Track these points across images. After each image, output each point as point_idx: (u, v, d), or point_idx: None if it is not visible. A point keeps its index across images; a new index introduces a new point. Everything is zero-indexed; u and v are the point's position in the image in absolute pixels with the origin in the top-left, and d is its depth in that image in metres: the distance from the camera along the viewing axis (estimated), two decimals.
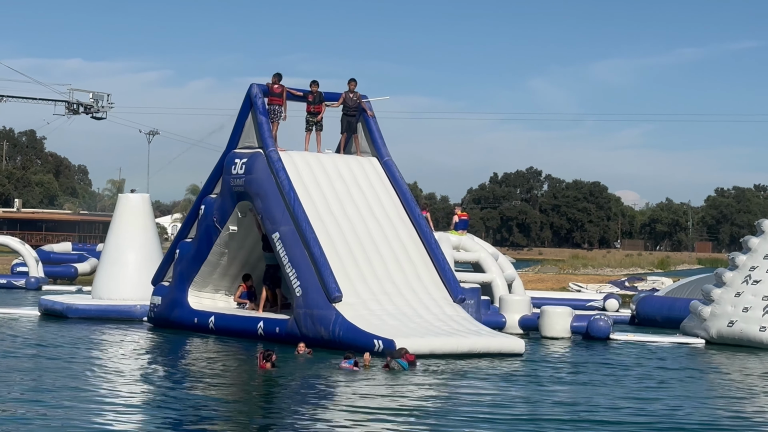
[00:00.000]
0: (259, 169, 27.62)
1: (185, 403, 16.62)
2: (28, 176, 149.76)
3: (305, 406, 16.61)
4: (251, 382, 19.71)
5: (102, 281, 34.36)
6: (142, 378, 19.48)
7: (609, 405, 17.35)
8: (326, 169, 28.52)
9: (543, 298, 40.04)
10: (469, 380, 20.25)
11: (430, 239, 28.08)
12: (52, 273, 56.19)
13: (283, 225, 26.68)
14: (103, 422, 14.76)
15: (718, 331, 28.93)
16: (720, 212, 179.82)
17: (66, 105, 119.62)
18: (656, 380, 21.04)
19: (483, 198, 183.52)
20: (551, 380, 20.65)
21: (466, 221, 36.24)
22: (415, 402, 17.42)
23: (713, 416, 16.74)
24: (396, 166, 29.19)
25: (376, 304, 25.83)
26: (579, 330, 29.42)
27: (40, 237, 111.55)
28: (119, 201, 35.57)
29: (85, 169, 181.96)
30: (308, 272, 25.87)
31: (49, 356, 22.25)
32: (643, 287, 49.61)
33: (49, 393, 17.06)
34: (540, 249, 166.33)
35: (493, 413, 16.33)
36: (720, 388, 20.50)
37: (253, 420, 15.58)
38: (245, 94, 28.80)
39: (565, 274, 68.55)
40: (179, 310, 29.44)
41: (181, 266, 29.81)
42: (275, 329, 26.62)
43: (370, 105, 29.61)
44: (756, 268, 29.16)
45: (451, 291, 27.11)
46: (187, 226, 30.47)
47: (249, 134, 28.58)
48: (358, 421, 15.18)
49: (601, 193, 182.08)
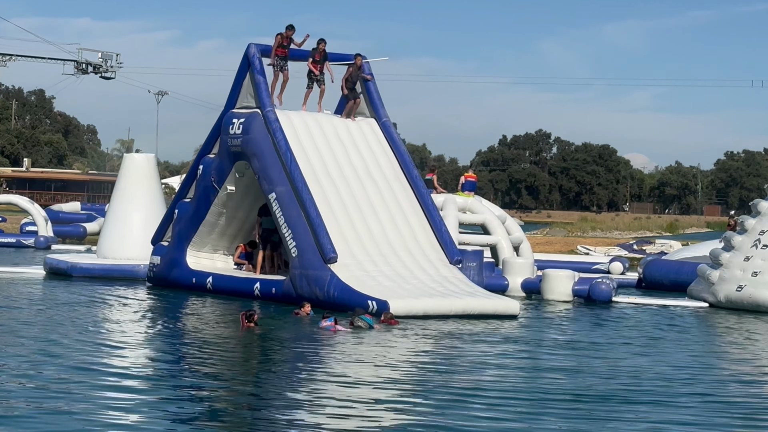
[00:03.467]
0: (256, 129, 27.53)
1: (161, 365, 16.46)
2: (37, 136, 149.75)
3: (298, 370, 16.58)
4: (232, 342, 19.60)
5: (107, 241, 34.43)
6: (124, 339, 19.42)
7: (606, 368, 17.22)
8: (324, 129, 28.43)
9: (550, 261, 39.90)
10: (464, 342, 20.17)
11: (427, 201, 28.02)
12: (61, 233, 56.37)
13: (279, 185, 26.63)
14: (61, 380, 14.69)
15: (727, 295, 28.73)
16: (729, 176, 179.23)
17: (75, 64, 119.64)
18: (654, 342, 20.95)
19: (492, 160, 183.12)
20: (539, 343, 20.46)
21: (474, 183, 36.09)
22: (404, 361, 17.41)
23: (705, 377, 16.61)
24: (394, 127, 29.12)
25: (372, 265, 25.86)
26: (581, 293, 29.30)
27: (49, 197, 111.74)
28: (124, 161, 35.63)
29: (94, 129, 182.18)
30: (304, 233, 25.89)
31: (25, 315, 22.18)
32: (651, 250, 49.52)
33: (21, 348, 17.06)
34: (549, 212, 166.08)
35: (490, 377, 16.26)
36: (720, 350, 20.35)
37: (221, 375, 15.58)
38: (243, 54, 28.66)
39: (573, 237, 68.46)
40: (178, 270, 29.46)
41: (179, 226, 29.79)
42: (271, 290, 26.69)
43: (369, 67, 29.42)
44: (766, 232, 28.88)
45: (448, 253, 27.13)
46: (185, 186, 30.44)
47: (247, 94, 28.46)
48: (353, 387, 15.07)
49: (610, 156, 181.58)
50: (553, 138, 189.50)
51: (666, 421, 12.99)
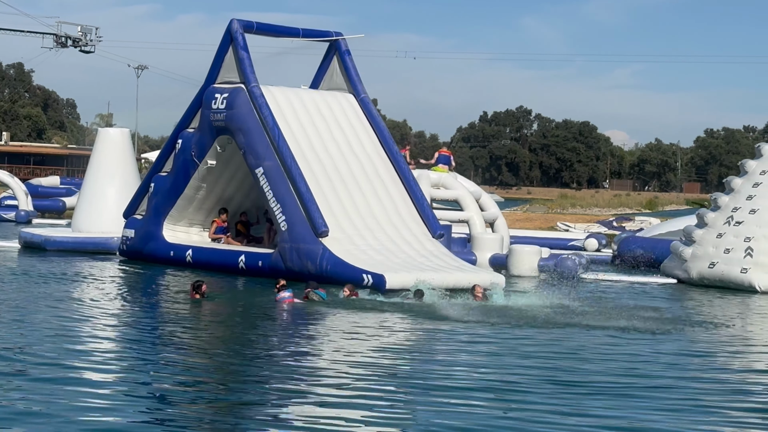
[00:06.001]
0: (241, 104, 27.53)
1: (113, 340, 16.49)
2: (15, 109, 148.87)
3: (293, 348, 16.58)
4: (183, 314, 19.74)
5: (81, 214, 34.51)
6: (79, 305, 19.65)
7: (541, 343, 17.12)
8: (306, 105, 28.56)
9: (527, 237, 39.99)
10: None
11: (408, 176, 28.21)
12: (41, 207, 56.21)
13: (267, 160, 26.67)
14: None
15: (699, 272, 28.81)
16: (709, 153, 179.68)
17: (54, 38, 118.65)
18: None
19: (472, 137, 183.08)
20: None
21: (448, 157, 36.16)
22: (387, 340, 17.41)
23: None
24: (372, 103, 29.22)
25: (361, 239, 26.04)
26: (547, 269, 29.37)
27: (28, 171, 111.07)
28: (98, 135, 35.75)
29: (73, 103, 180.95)
30: (294, 207, 25.98)
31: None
32: (630, 227, 49.62)
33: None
34: (529, 188, 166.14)
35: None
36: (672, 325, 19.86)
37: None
38: (225, 29, 28.60)
39: (553, 214, 68.49)
40: (154, 243, 29.44)
41: (156, 200, 29.75)
42: (258, 263, 26.63)
43: (345, 43, 29.54)
44: (738, 209, 28.85)
45: (430, 227, 27.28)
46: (162, 159, 30.40)
47: (229, 69, 28.45)
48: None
49: (590, 132, 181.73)
50: (534, 115, 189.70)
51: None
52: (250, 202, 30.22)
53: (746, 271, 27.72)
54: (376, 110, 29.34)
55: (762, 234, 28.09)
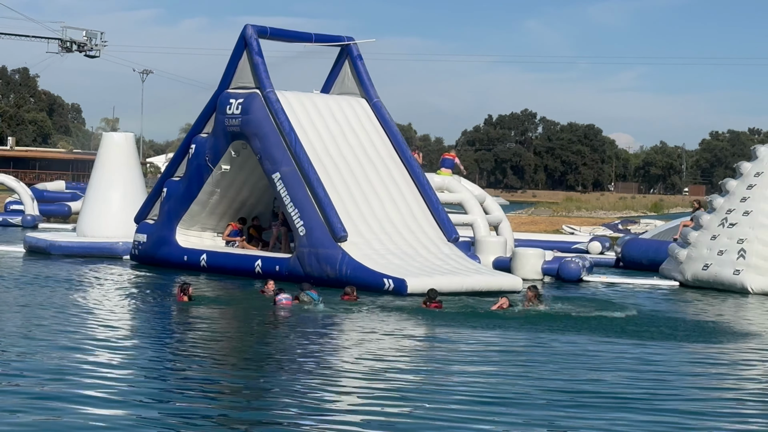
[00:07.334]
0: (256, 109, 27.66)
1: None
2: (21, 114, 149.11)
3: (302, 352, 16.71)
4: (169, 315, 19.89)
5: (86, 219, 34.67)
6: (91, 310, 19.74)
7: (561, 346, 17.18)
8: (320, 110, 28.71)
9: (532, 240, 40.02)
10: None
11: (422, 180, 28.42)
12: (46, 211, 56.28)
13: (284, 166, 26.81)
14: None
15: (694, 273, 28.84)
16: (714, 155, 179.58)
17: (59, 43, 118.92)
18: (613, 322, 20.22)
19: (477, 140, 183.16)
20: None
21: (452, 161, 36.23)
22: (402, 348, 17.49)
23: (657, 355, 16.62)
24: (385, 107, 29.34)
25: (379, 243, 26.20)
26: (550, 272, 29.49)
27: (33, 175, 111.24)
28: (103, 140, 35.94)
29: (78, 108, 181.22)
30: (312, 212, 26.13)
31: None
32: (636, 230, 49.60)
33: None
34: (534, 191, 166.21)
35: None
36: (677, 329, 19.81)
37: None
38: (239, 35, 28.67)
39: (558, 217, 68.46)
40: (167, 247, 29.53)
41: (169, 204, 29.84)
42: (275, 267, 26.72)
43: (357, 48, 29.65)
44: (733, 211, 28.83)
45: (445, 231, 27.51)
46: (174, 164, 30.46)
47: (243, 75, 28.53)
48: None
49: (595, 135, 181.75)
50: (539, 118, 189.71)
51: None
52: (263, 206, 30.36)
53: (739, 273, 27.70)
54: (389, 114, 29.44)
55: (755, 236, 28.05)
